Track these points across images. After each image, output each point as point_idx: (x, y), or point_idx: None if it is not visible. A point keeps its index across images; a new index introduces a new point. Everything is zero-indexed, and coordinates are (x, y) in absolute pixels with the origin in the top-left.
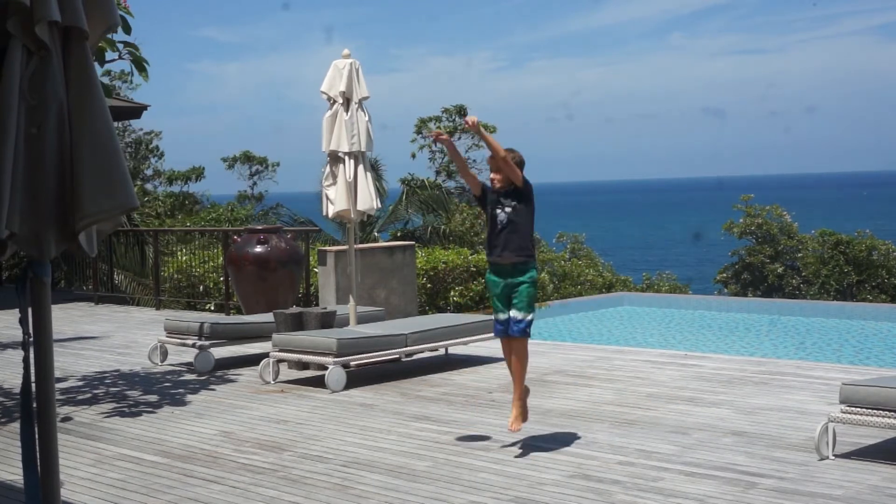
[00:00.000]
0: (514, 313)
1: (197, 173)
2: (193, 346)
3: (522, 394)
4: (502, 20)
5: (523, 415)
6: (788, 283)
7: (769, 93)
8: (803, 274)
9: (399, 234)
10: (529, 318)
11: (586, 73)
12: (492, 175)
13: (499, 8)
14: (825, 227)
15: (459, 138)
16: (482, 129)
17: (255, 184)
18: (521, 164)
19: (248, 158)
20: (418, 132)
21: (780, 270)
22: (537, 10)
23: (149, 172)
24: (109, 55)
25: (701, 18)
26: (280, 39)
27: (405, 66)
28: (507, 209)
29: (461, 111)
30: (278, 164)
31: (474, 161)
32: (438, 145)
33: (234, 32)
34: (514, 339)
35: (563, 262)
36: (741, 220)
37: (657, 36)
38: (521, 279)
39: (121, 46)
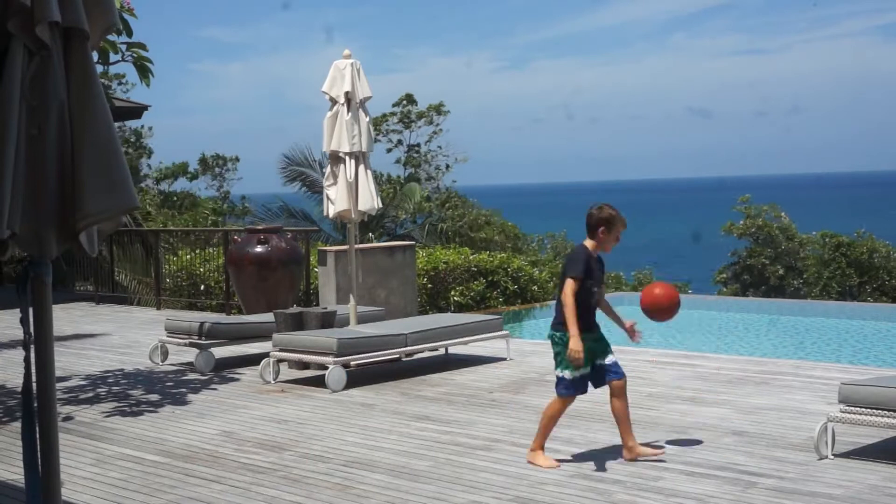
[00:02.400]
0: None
1: (182, 169)
2: (194, 345)
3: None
4: (503, 20)
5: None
6: (790, 285)
7: (770, 92)
8: (804, 275)
9: (386, 235)
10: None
11: (587, 73)
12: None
13: (499, 8)
14: (826, 230)
15: (420, 126)
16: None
17: (220, 186)
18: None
19: (206, 164)
20: (377, 130)
21: (781, 272)
22: (538, 10)
23: (144, 171)
24: (113, 57)
25: (702, 19)
26: (281, 39)
27: (406, 67)
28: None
29: (410, 99)
30: (237, 160)
31: (439, 148)
32: (405, 151)
33: (235, 32)
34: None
35: (549, 264)
36: (741, 223)
37: (658, 36)
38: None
39: (124, 47)
